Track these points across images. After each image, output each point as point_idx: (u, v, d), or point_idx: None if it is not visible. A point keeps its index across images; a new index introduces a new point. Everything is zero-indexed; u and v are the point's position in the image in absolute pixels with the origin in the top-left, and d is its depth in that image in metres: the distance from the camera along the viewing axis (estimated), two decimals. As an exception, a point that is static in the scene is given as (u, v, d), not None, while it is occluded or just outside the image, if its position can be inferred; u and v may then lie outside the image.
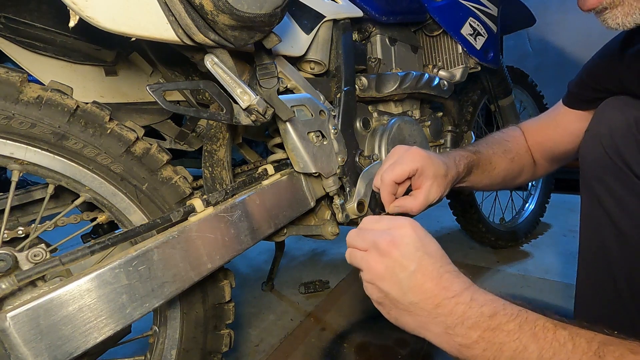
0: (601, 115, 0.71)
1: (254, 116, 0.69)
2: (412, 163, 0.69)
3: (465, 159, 0.80)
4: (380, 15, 1.04)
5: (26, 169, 0.62)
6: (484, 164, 0.83)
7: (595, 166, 0.69)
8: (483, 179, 0.84)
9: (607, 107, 0.71)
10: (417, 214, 0.71)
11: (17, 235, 0.64)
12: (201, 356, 0.81)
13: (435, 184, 0.70)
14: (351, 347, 1.11)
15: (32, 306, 0.52)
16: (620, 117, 0.67)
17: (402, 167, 0.69)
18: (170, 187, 0.74)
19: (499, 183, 0.87)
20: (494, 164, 0.84)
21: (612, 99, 0.72)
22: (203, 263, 0.68)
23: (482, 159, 0.83)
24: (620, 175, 0.66)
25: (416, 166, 0.69)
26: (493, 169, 0.84)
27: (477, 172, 0.83)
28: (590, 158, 0.71)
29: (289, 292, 1.49)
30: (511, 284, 1.37)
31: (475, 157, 0.82)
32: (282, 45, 0.79)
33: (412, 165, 0.69)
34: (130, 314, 0.59)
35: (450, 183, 0.75)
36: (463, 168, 0.79)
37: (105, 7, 0.53)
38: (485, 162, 0.84)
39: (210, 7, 0.56)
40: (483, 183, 0.85)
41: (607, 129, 0.68)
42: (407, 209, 0.70)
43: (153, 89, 0.61)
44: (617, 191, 0.66)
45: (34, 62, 0.76)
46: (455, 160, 0.78)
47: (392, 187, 0.70)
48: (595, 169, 0.69)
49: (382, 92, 1.03)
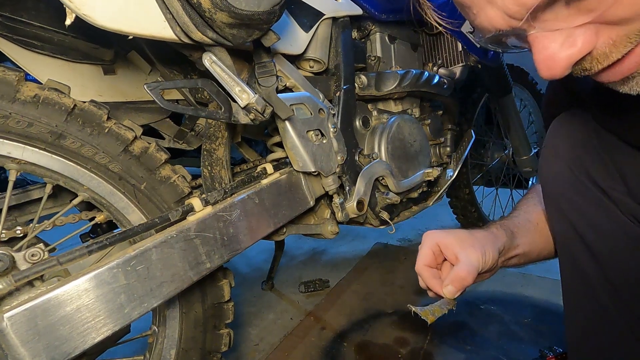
0: (558, 129, 0.68)
1: (252, 115, 0.69)
2: (430, 240, 0.69)
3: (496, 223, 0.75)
4: (380, 13, 1.04)
5: (24, 168, 0.61)
6: (523, 223, 0.76)
7: (557, 182, 0.66)
8: (535, 240, 0.75)
9: (561, 121, 0.69)
10: (471, 280, 0.64)
11: (15, 234, 0.64)
12: (201, 356, 0.81)
13: (469, 251, 0.65)
14: (351, 346, 1.11)
15: (30, 306, 0.51)
16: (578, 128, 0.64)
17: (423, 249, 0.69)
18: (169, 186, 0.74)
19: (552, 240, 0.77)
20: (532, 222, 0.76)
21: (564, 113, 0.69)
22: (202, 262, 0.67)
23: (518, 220, 0.76)
24: (581, 189, 0.63)
25: (434, 241, 0.68)
26: (537, 226, 0.75)
27: (522, 234, 0.74)
28: (551, 175, 0.67)
29: (289, 291, 1.49)
30: (511, 283, 1.37)
31: (507, 220, 0.77)
32: (280, 43, 0.79)
33: (430, 242, 0.69)
34: (129, 314, 0.59)
35: (487, 242, 0.68)
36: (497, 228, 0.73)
37: (102, 5, 0.53)
38: (523, 222, 0.76)
39: (208, 5, 0.55)
40: (538, 246, 0.75)
41: (567, 142, 0.65)
42: (457, 279, 0.64)
43: (151, 87, 0.60)
44: (582, 206, 0.63)
45: (31, 61, 0.75)
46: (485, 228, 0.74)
47: (428, 272, 0.68)
48: (558, 184, 0.66)
49: (381, 90, 1.02)
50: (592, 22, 0.36)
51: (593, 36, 0.36)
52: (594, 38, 0.36)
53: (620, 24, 0.35)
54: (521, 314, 1.19)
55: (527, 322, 1.15)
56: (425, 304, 0.75)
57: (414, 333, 1.13)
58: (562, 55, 0.37)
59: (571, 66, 0.38)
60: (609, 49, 0.37)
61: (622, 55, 0.37)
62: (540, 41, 0.38)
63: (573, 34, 0.36)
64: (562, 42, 0.37)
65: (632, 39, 0.36)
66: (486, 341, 1.08)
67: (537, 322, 1.14)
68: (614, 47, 0.37)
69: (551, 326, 1.11)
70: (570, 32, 0.37)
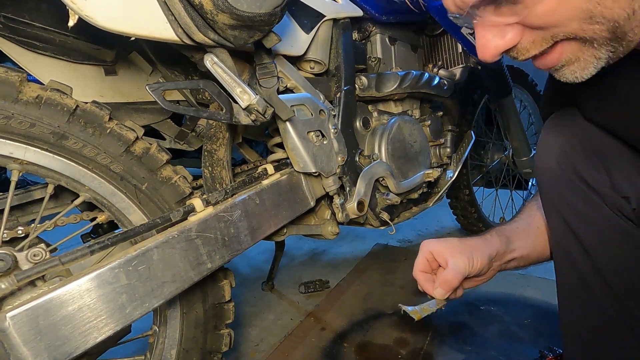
0: (551, 127, 0.72)
1: (253, 116, 0.69)
2: (424, 249, 0.78)
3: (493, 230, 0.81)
4: (380, 14, 1.04)
5: (26, 168, 0.62)
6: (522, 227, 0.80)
7: (552, 181, 0.69)
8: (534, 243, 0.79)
9: (552, 121, 0.72)
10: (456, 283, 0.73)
11: (17, 235, 0.64)
12: (201, 356, 0.81)
13: (457, 257, 0.74)
14: (351, 347, 1.11)
15: (32, 306, 0.52)
16: (567, 128, 0.68)
17: (419, 257, 0.79)
18: (170, 186, 0.74)
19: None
20: (533, 225, 0.80)
21: (557, 113, 0.72)
22: (203, 263, 0.68)
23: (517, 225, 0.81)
24: (570, 184, 0.66)
25: (428, 250, 0.77)
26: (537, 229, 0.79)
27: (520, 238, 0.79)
28: (546, 174, 0.71)
29: (289, 292, 1.49)
30: (511, 284, 1.37)
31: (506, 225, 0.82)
32: (281, 44, 0.79)
33: (424, 250, 0.78)
34: (130, 314, 0.59)
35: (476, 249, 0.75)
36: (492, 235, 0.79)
37: (105, 7, 0.53)
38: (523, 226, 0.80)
39: (209, 7, 0.56)
40: (537, 249, 0.79)
41: (558, 142, 0.69)
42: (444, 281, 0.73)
43: (153, 88, 0.61)
44: (573, 202, 0.66)
45: (33, 62, 0.75)
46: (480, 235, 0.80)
47: (423, 277, 0.77)
48: (552, 183, 0.69)
49: (382, 91, 1.03)
50: (519, 24, 0.46)
51: (519, 34, 0.47)
52: (518, 36, 0.47)
53: (538, 29, 0.46)
54: (521, 314, 1.19)
55: (527, 322, 1.15)
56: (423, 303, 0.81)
57: (414, 333, 1.14)
58: (493, 44, 0.48)
59: (500, 53, 0.49)
60: (529, 46, 0.48)
61: (541, 52, 0.48)
62: (479, 30, 0.49)
63: (504, 29, 0.47)
64: (495, 34, 0.48)
65: (547, 41, 0.47)
66: (486, 342, 1.08)
67: (537, 322, 1.14)
68: (533, 44, 0.48)
69: (551, 327, 1.11)
70: (502, 28, 0.47)
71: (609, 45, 0.45)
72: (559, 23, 0.44)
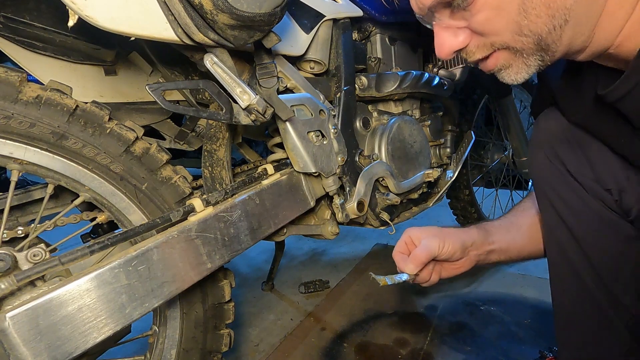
0: (541, 125, 0.77)
1: (253, 116, 0.69)
2: (405, 234, 0.86)
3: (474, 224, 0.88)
4: (380, 14, 1.04)
5: (25, 168, 0.62)
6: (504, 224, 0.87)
7: (541, 172, 0.75)
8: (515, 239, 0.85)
9: (544, 117, 0.78)
10: (424, 258, 0.79)
11: (17, 235, 0.64)
12: (201, 356, 0.81)
13: (431, 238, 0.81)
14: (351, 347, 1.11)
15: (32, 306, 0.52)
16: (554, 123, 0.74)
17: (399, 240, 0.87)
18: (170, 186, 0.74)
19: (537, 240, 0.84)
20: (516, 223, 0.86)
21: (548, 110, 0.78)
22: (203, 263, 0.68)
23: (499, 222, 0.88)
24: (559, 177, 0.72)
25: (408, 234, 0.85)
26: (520, 227, 0.85)
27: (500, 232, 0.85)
28: (537, 166, 0.76)
29: (289, 292, 1.49)
30: (511, 283, 1.37)
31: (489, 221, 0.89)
32: (281, 44, 0.79)
33: (404, 235, 0.86)
34: (130, 314, 0.59)
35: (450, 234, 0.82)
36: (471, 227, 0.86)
37: (105, 7, 0.53)
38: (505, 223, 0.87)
39: (209, 7, 0.56)
40: (517, 245, 0.85)
41: (546, 137, 0.74)
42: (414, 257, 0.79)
43: (152, 88, 0.61)
44: (561, 192, 0.72)
45: (33, 62, 0.75)
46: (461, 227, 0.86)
47: (400, 256, 0.83)
48: (542, 174, 0.75)
49: (382, 91, 1.03)
50: (468, 28, 0.54)
51: (468, 37, 0.55)
52: (468, 38, 0.55)
53: (481, 35, 0.54)
54: (521, 314, 1.19)
55: (527, 323, 1.15)
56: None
57: (414, 334, 1.14)
58: (447, 43, 0.56)
59: (454, 52, 0.56)
60: (475, 49, 0.56)
61: (485, 56, 0.56)
62: (437, 30, 0.57)
63: (457, 32, 0.55)
64: (450, 34, 0.56)
65: (487, 48, 0.55)
66: (486, 342, 1.08)
67: (537, 323, 1.15)
68: (478, 49, 0.56)
69: (551, 327, 1.11)
70: (456, 30, 0.55)
71: (536, 54, 0.53)
72: (496, 32, 0.52)
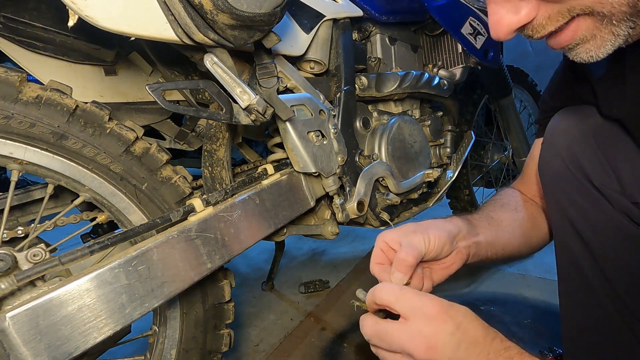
0: (556, 126, 0.70)
1: (253, 116, 0.69)
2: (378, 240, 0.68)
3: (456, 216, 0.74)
4: (380, 14, 1.04)
5: (25, 168, 0.62)
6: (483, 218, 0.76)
7: (557, 179, 0.68)
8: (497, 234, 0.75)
9: (561, 118, 0.70)
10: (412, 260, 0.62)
11: (17, 235, 0.64)
12: (201, 356, 0.81)
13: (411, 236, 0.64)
14: (351, 347, 1.11)
15: (32, 306, 0.52)
16: (576, 127, 0.66)
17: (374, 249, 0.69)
18: (170, 186, 0.74)
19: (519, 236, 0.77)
20: (496, 218, 0.77)
21: (564, 109, 0.70)
22: (203, 263, 0.68)
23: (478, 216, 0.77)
24: (578, 186, 0.65)
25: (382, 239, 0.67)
26: (500, 223, 0.76)
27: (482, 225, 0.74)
28: (551, 171, 0.69)
29: (289, 292, 1.49)
30: (511, 284, 1.37)
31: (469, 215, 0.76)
32: (281, 44, 0.79)
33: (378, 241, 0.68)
34: (130, 314, 0.59)
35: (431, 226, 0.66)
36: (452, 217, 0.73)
37: (105, 7, 0.53)
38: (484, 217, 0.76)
39: (209, 7, 0.56)
40: (501, 240, 0.75)
41: (564, 140, 0.67)
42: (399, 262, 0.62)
43: (152, 88, 0.61)
44: (580, 203, 0.65)
45: (33, 62, 0.76)
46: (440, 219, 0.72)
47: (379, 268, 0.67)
48: (558, 182, 0.68)
49: (382, 91, 1.03)
50: None
51: (534, 9, 0.45)
52: (534, 11, 0.45)
53: (556, 2, 0.43)
54: (521, 315, 1.19)
55: (527, 323, 1.15)
56: None
57: (414, 334, 1.13)
58: (506, 20, 0.46)
59: (514, 31, 0.47)
60: (545, 22, 0.45)
61: (557, 29, 0.45)
62: (492, 7, 0.47)
63: (519, 5, 0.45)
64: (509, 10, 0.45)
65: (564, 15, 0.44)
66: (486, 342, 1.08)
67: (537, 323, 1.14)
68: (549, 20, 0.45)
69: (551, 327, 1.11)
70: (517, 4, 0.45)
71: (629, 20, 0.42)
72: None
